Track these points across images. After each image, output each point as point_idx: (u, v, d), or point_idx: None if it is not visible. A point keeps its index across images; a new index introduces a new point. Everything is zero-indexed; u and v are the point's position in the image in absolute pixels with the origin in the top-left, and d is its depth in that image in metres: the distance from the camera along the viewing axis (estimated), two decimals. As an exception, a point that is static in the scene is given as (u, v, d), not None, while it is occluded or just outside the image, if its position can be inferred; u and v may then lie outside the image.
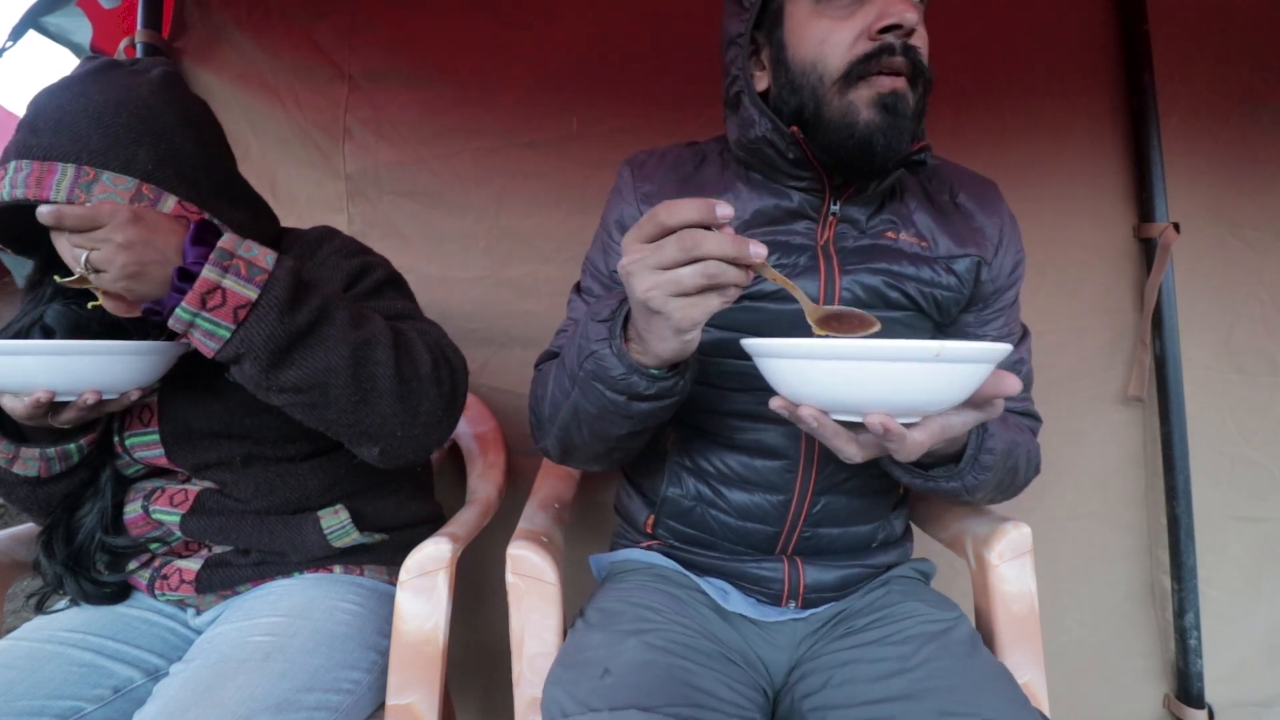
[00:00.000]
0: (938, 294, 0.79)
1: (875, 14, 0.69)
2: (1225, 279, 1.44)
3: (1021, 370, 0.87)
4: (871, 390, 0.52)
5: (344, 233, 0.98)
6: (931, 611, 0.78)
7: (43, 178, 0.73)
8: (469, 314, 1.39)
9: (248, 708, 0.70)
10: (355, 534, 0.91)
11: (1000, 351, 0.53)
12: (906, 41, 0.69)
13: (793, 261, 0.77)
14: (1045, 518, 1.41)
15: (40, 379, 0.71)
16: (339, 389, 0.73)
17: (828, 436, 0.58)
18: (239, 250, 0.69)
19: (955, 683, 0.67)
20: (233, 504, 0.89)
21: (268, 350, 0.69)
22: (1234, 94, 1.42)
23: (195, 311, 0.67)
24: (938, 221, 0.80)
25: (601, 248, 0.87)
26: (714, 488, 0.83)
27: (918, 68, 0.70)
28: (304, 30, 1.42)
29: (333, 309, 0.74)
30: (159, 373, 0.79)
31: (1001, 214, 0.85)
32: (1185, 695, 1.39)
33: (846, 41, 0.70)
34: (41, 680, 0.78)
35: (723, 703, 0.69)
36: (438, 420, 0.81)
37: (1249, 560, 1.43)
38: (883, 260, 0.77)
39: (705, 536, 0.86)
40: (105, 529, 0.88)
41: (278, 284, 0.70)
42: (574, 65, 1.40)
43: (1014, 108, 1.43)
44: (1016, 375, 0.80)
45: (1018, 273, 0.85)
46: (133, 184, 0.75)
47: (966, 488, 0.70)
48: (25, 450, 0.81)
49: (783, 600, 0.84)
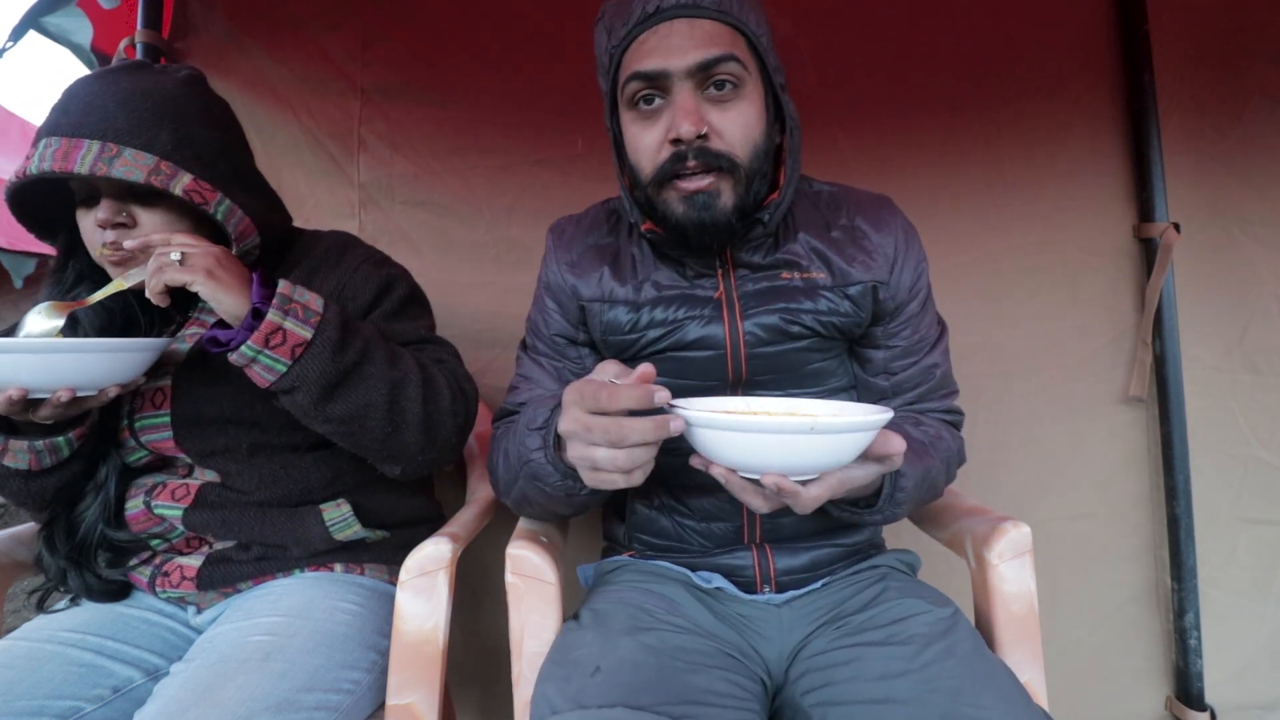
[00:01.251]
0: (835, 320, 0.84)
1: (669, 123, 0.76)
2: (1237, 277, 1.43)
3: (936, 373, 0.91)
4: (764, 456, 0.61)
5: (361, 240, 1.02)
6: (931, 609, 0.79)
7: (69, 152, 0.78)
8: (475, 315, 1.42)
9: (248, 708, 0.70)
10: (357, 526, 0.92)
11: (876, 421, 0.61)
12: (702, 145, 0.75)
13: (700, 313, 0.84)
14: (1045, 518, 1.41)
15: (12, 376, 0.72)
16: (376, 420, 0.82)
17: (736, 491, 0.66)
18: (295, 295, 0.78)
19: (961, 684, 0.67)
20: (235, 496, 0.90)
21: (320, 385, 0.78)
22: (1235, 93, 1.42)
23: (259, 349, 0.75)
24: (833, 250, 0.86)
25: (540, 308, 0.94)
26: (676, 495, 0.89)
27: (718, 163, 0.76)
28: (315, 41, 1.45)
29: (373, 350, 0.82)
30: (137, 370, 0.80)
31: (895, 230, 0.88)
32: (1185, 696, 1.39)
33: (652, 149, 0.78)
34: (41, 680, 0.78)
35: (720, 697, 0.69)
36: (452, 446, 0.90)
37: (1257, 563, 1.43)
38: (779, 300, 0.84)
39: (676, 543, 0.90)
40: (108, 522, 0.89)
41: (329, 325, 0.79)
42: (579, 89, 1.42)
43: (1014, 108, 1.43)
44: (932, 378, 0.89)
45: (920, 284, 0.89)
46: (152, 160, 0.79)
47: (886, 519, 0.79)
48: (14, 443, 0.82)
49: (757, 587, 0.86)
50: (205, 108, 0.88)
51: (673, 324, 0.84)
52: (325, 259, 0.96)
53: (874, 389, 0.90)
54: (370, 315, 0.94)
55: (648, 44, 0.76)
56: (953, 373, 0.94)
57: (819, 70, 1.44)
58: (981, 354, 1.43)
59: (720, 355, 0.84)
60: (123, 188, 0.82)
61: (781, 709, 0.79)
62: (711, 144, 0.76)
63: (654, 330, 0.85)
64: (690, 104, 0.75)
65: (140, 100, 0.82)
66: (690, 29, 0.75)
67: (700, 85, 0.75)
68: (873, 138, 1.44)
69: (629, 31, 0.77)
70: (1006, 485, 1.43)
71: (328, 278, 0.94)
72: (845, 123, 1.45)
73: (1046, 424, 1.44)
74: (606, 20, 0.81)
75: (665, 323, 0.84)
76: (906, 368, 0.89)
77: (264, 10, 1.43)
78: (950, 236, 1.43)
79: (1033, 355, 1.44)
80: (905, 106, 1.44)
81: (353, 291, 0.94)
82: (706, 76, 0.75)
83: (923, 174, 1.44)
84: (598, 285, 0.87)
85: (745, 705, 0.71)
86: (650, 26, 0.76)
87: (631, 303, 0.86)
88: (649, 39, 0.76)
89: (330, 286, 0.93)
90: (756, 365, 0.85)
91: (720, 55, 0.74)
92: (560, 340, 0.92)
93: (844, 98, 1.44)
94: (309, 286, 0.89)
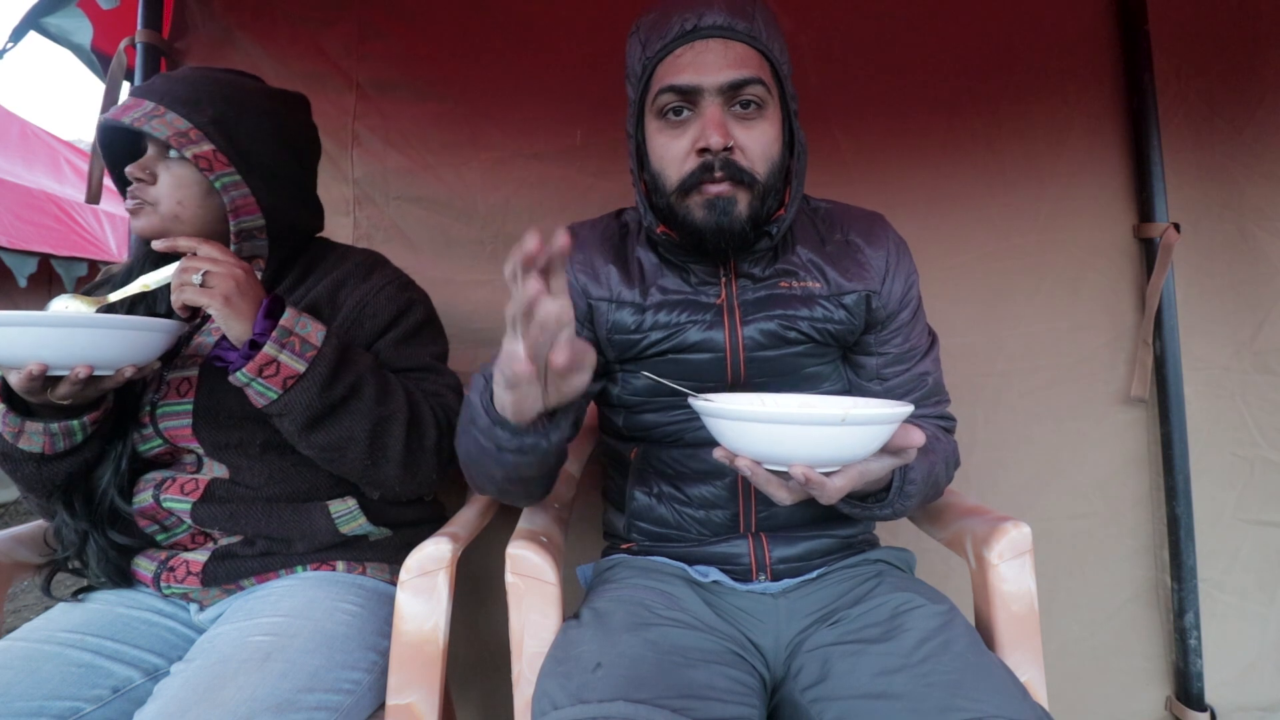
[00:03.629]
0: (830, 327, 0.88)
1: (696, 135, 0.80)
2: (1242, 277, 1.42)
3: (928, 381, 0.94)
4: (793, 447, 0.62)
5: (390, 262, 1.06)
6: (927, 604, 0.79)
7: (128, 108, 0.87)
8: (473, 314, 1.41)
9: (248, 708, 0.70)
10: (363, 519, 0.94)
11: (900, 414, 0.63)
12: (727, 157, 0.80)
13: (702, 317, 0.88)
14: (1045, 518, 1.42)
15: (32, 352, 0.73)
16: (355, 453, 0.87)
17: (761, 483, 0.68)
18: (296, 328, 0.83)
19: (958, 678, 0.68)
20: (243, 491, 0.91)
21: (305, 416, 0.83)
22: (1235, 92, 1.42)
23: (252, 377, 0.81)
24: (828, 262, 0.91)
25: None
26: (674, 484, 0.91)
27: (740, 176, 0.80)
28: (311, 37, 1.43)
29: (364, 386, 0.87)
30: (154, 351, 0.81)
31: (887, 244, 0.93)
32: (1185, 696, 1.39)
33: (679, 158, 0.82)
34: (40, 680, 0.78)
35: (719, 691, 0.70)
36: (431, 481, 0.94)
37: (1262, 564, 1.43)
38: (777, 307, 0.88)
39: (674, 530, 0.92)
40: (120, 490, 0.91)
41: (323, 361, 0.83)
42: (578, 81, 1.43)
43: (1014, 108, 1.43)
44: (923, 386, 0.92)
45: (911, 295, 0.93)
46: (185, 125, 0.86)
47: (896, 513, 0.81)
48: (30, 425, 0.83)
49: (752, 575, 0.88)
50: (265, 109, 0.94)
51: (676, 327, 0.87)
52: (353, 273, 0.99)
53: (867, 394, 0.92)
54: (384, 336, 0.97)
55: (683, 59, 0.80)
56: (944, 382, 0.97)
57: (820, 68, 1.44)
58: (981, 354, 1.43)
59: (720, 358, 0.87)
60: (161, 147, 0.89)
61: (780, 704, 0.80)
62: (735, 157, 0.80)
63: (657, 332, 0.88)
64: (719, 118, 0.79)
65: (209, 84, 0.91)
66: (724, 49, 0.79)
67: (728, 102, 0.80)
68: (874, 137, 1.44)
69: (665, 45, 0.81)
70: (1006, 485, 1.43)
71: (352, 292, 0.97)
72: (846, 122, 1.44)
73: (1046, 424, 1.44)
74: (642, 34, 0.84)
75: (669, 325, 0.87)
76: (898, 374, 0.92)
77: (260, 7, 1.42)
78: (951, 237, 1.43)
79: (1033, 355, 1.44)
80: (906, 106, 1.44)
81: (373, 310, 0.97)
82: (734, 95, 0.80)
83: (923, 175, 1.44)
84: (607, 286, 0.91)
85: (744, 700, 0.71)
86: (687, 43, 0.80)
87: (638, 305, 0.89)
88: (685, 54, 0.80)
89: (353, 302, 0.97)
90: (754, 369, 0.88)
91: (749, 77, 0.79)
92: None
93: (845, 97, 1.44)
94: (335, 298, 0.97)
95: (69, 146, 4.36)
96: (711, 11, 0.80)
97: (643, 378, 0.89)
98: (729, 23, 0.79)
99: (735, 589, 0.88)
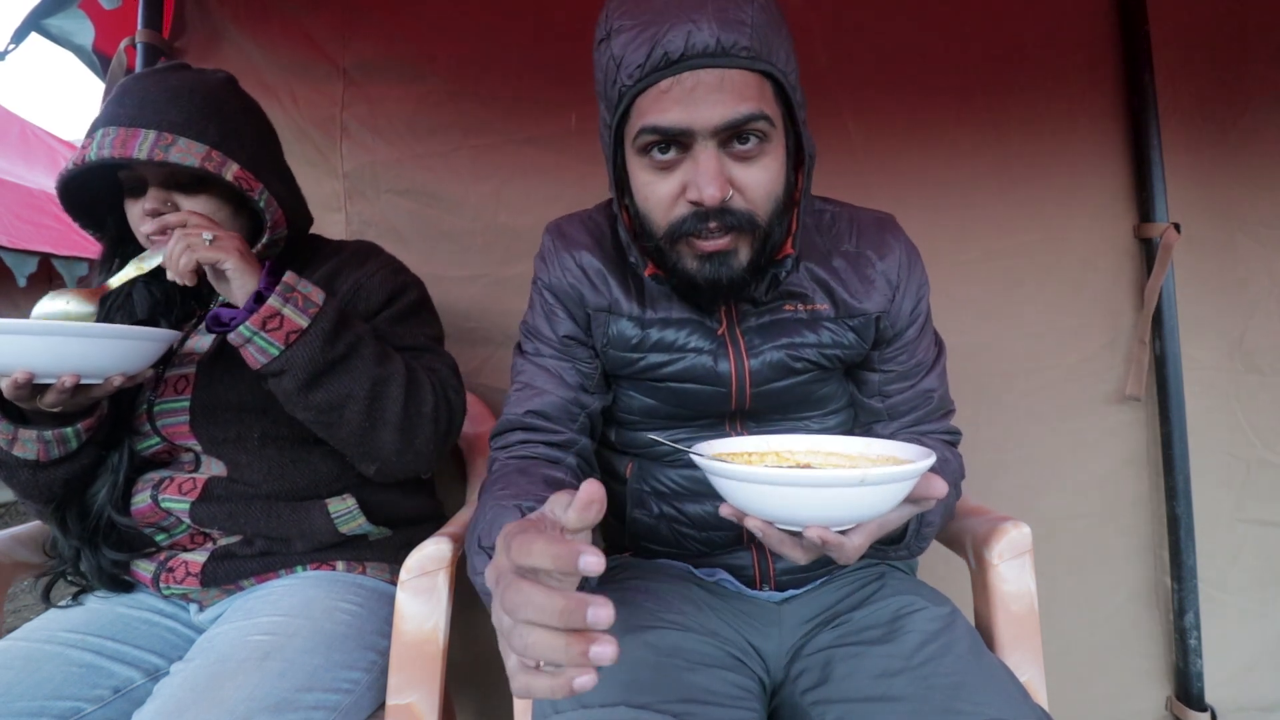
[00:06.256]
0: (839, 353, 0.84)
1: (687, 179, 0.69)
2: (1236, 277, 1.43)
3: (933, 398, 0.89)
4: (807, 509, 0.57)
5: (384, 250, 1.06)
6: (928, 606, 0.79)
7: (128, 140, 0.83)
8: (467, 313, 1.39)
9: (246, 707, 0.70)
10: (362, 519, 0.94)
11: (921, 468, 0.57)
12: (725, 206, 0.69)
13: (705, 345, 0.83)
14: (1045, 518, 1.41)
15: (17, 359, 0.72)
16: (354, 413, 0.85)
17: (774, 544, 0.61)
18: (299, 286, 0.82)
19: (959, 680, 0.67)
20: (242, 489, 0.91)
21: (307, 371, 0.81)
22: (1236, 92, 1.42)
23: (255, 330, 0.79)
24: (835, 279, 0.84)
25: (543, 312, 0.88)
26: (673, 505, 0.88)
27: (740, 224, 0.70)
28: (298, 24, 1.42)
29: (363, 345, 0.85)
30: (144, 361, 0.80)
31: (898, 254, 0.85)
32: (1185, 696, 1.39)
33: (666, 201, 0.71)
34: (41, 681, 0.78)
35: (720, 695, 0.69)
36: (429, 452, 0.91)
37: (1261, 564, 1.43)
38: (783, 335, 0.82)
39: (675, 549, 0.89)
40: (115, 506, 0.90)
41: (325, 317, 0.82)
42: (572, 55, 1.35)
43: (1014, 108, 1.43)
44: (929, 403, 0.88)
45: (919, 309, 0.87)
46: (204, 148, 0.85)
47: (912, 554, 0.79)
48: (23, 432, 0.82)
49: (756, 585, 0.87)
50: (244, 106, 0.94)
51: (678, 351, 0.83)
52: (348, 261, 1.00)
53: (870, 410, 0.89)
54: (378, 317, 0.97)
55: (670, 94, 0.66)
56: (949, 393, 0.92)
57: (830, 50, 1.41)
58: (982, 354, 1.42)
59: (724, 392, 0.83)
60: (168, 178, 0.87)
61: (780, 706, 0.80)
62: (734, 204, 0.70)
63: (657, 355, 0.83)
64: (714, 167, 0.67)
65: (189, 96, 0.87)
66: (719, 82, 0.66)
67: (724, 143, 0.68)
68: (882, 125, 1.42)
69: (646, 76, 0.67)
70: (1006, 485, 1.43)
71: (347, 278, 0.98)
72: (855, 107, 1.42)
73: (1046, 424, 1.44)
74: (615, 47, 0.68)
75: (671, 347, 0.83)
76: (901, 391, 0.88)
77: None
78: (959, 232, 1.42)
79: (1033, 355, 1.44)
80: (914, 95, 1.43)
81: (366, 293, 0.97)
82: (732, 133, 0.68)
83: (933, 165, 1.43)
84: (606, 294, 0.84)
85: (744, 704, 0.71)
86: (673, 74, 0.66)
87: (638, 319, 0.83)
88: (671, 88, 0.66)
89: (348, 286, 0.97)
90: (760, 401, 0.84)
91: (750, 114, 0.66)
92: (570, 341, 0.88)
93: (853, 83, 1.42)
94: (330, 286, 0.95)
95: (69, 146, 4.37)
96: (700, 29, 0.64)
97: (639, 400, 0.86)
98: (722, 44, 0.65)
99: (741, 591, 0.87)
